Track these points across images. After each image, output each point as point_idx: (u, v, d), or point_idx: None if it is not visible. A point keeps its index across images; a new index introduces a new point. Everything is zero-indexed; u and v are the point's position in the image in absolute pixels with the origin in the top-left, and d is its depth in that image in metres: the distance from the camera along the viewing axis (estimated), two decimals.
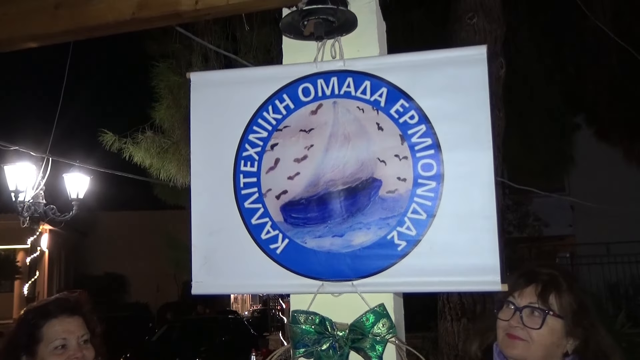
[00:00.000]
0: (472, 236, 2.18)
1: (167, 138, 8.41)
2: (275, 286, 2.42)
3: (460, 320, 6.49)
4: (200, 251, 2.44)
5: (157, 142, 8.36)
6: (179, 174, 8.36)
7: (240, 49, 7.82)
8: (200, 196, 2.47)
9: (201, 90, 2.52)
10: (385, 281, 2.24)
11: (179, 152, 8.20)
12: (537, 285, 1.95)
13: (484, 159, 2.21)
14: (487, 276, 2.15)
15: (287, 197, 2.36)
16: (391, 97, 2.31)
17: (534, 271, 2.02)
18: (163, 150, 8.35)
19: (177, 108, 8.10)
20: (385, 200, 2.27)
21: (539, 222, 14.55)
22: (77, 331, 2.24)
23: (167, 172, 8.44)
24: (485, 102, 2.23)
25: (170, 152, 8.37)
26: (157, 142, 8.36)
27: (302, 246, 2.32)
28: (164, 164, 8.38)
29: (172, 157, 8.35)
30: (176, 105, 8.12)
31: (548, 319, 1.88)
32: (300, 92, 2.40)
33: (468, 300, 6.58)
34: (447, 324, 6.55)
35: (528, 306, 1.91)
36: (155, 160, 8.39)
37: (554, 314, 1.89)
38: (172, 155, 8.36)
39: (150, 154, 8.30)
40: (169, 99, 8.23)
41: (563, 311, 1.90)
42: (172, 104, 8.20)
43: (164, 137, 8.43)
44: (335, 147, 2.34)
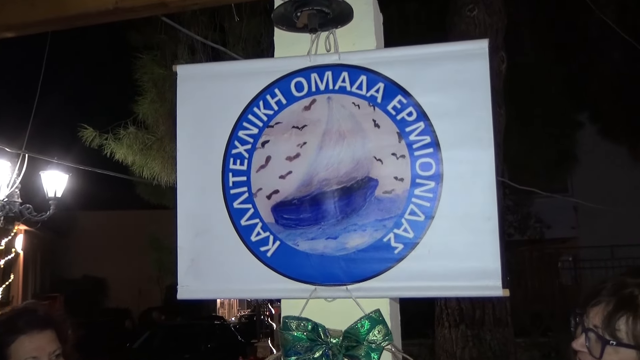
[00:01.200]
0: (472, 239, 2.19)
1: (150, 134, 8.38)
2: (266, 291, 2.41)
3: (458, 326, 6.53)
4: (186, 253, 2.43)
5: (140, 138, 8.33)
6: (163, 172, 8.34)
7: (229, 41, 7.81)
8: (186, 195, 2.47)
9: (188, 83, 2.51)
10: (381, 286, 2.25)
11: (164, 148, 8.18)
12: (607, 304, 1.65)
13: (485, 157, 2.22)
14: (488, 281, 2.17)
15: (279, 197, 2.36)
16: (388, 92, 2.31)
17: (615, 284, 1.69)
18: (146, 147, 8.33)
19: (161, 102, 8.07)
20: (382, 200, 2.28)
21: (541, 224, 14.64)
22: (48, 347, 2.18)
23: (151, 169, 8.41)
24: (487, 99, 2.24)
25: (154, 149, 8.34)
26: (140, 138, 8.33)
27: (294, 249, 2.32)
28: (147, 161, 8.36)
29: (156, 154, 8.32)
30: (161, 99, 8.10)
31: (608, 350, 1.59)
32: (292, 87, 2.40)
33: (467, 305, 6.62)
34: (445, 330, 6.59)
35: (591, 329, 1.64)
36: (138, 157, 8.36)
37: (619, 343, 1.58)
38: (156, 152, 8.33)
39: (133, 150, 8.28)
40: (153, 93, 8.20)
41: (636, 340, 1.58)
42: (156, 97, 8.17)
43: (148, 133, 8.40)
44: (330, 145, 2.34)
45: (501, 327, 6.49)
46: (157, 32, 8.10)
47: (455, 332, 6.53)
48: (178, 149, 2.50)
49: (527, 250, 14.51)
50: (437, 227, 2.23)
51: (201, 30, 7.51)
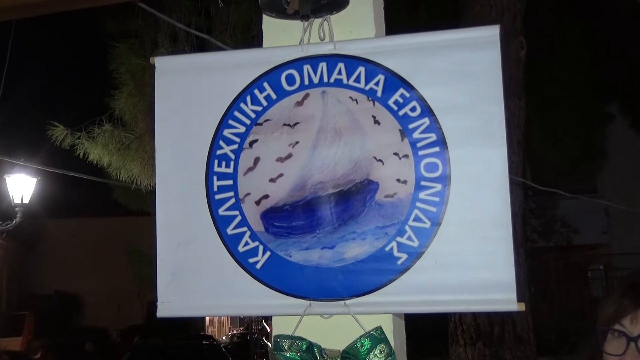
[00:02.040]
0: (483, 247, 2.22)
1: (128, 132, 8.41)
2: (255, 307, 2.44)
3: (475, 344, 6.56)
4: (167, 266, 2.46)
5: (116, 137, 8.36)
6: (143, 174, 8.36)
7: (215, 27, 7.84)
8: (166, 201, 2.50)
9: (167, 77, 2.54)
10: (383, 300, 2.27)
11: (143, 148, 8.21)
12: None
13: (497, 157, 2.25)
14: (502, 294, 2.19)
15: (269, 202, 2.39)
16: (389, 85, 2.34)
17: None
18: (124, 146, 8.36)
19: (140, 96, 8.10)
20: (383, 206, 2.30)
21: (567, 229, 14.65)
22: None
23: (129, 171, 8.44)
24: (498, 91, 2.27)
25: (133, 149, 8.37)
26: (116, 136, 8.36)
27: (286, 260, 2.35)
28: (125, 162, 8.38)
29: (134, 154, 8.35)
30: (139, 93, 8.12)
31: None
32: (283, 80, 2.43)
33: (484, 321, 6.65)
34: (460, 349, 6.62)
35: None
36: (114, 158, 8.39)
37: None
38: (134, 152, 8.36)
39: (109, 150, 8.30)
40: (131, 86, 8.23)
41: None
42: (134, 91, 8.20)
43: (125, 131, 8.43)
44: (325, 144, 2.37)
45: (522, 345, 6.52)
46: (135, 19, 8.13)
47: (471, 350, 6.55)
48: (157, 150, 2.53)
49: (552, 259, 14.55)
50: (445, 235, 2.25)
51: (184, 15, 7.54)
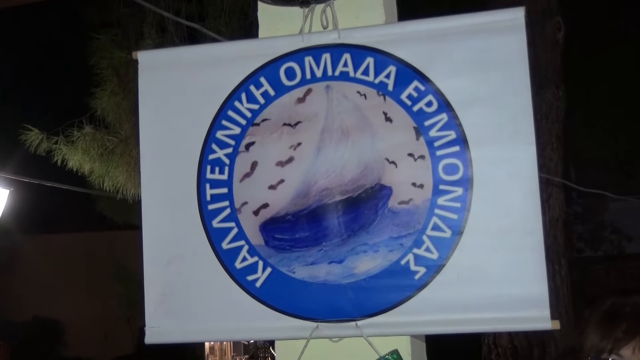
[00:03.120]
0: (511, 258, 2.26)
1: (112, 134, 8.46)
2: (256, 330, 2.48)
3: None
4: (156, 286, 2.52)
5: (99, 141, 8.41)
6: (130, 182, 8.41)
7: (208, 14, 7.89)
8: (153, 213, 2.55)
9: (152, 74, 2.60)
10: (399, 320, 2.32)
11: (129, 152, 8.26)
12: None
13: (525, 156, 2.29)
14: (533, 311, 2.23)
15: (269, 212, 2.44)
16: (402, 78, 2.39)
17: (630, 309, 1.87)
18: (107, 151, 8.41)
19: (125, 94, 8.15)
20: (397, 213, 2.35)
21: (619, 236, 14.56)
22: None
23: (114, 180, 8.49)
24: (525, 82, 2.31)
25: (117, 154, 8.42)
26: (99, 140, 8.41)
27: (289, 277, 2.40)
28: (109, 169, 8.44)
29: (119, 159, 8.40)
30: (124, 91, 8.18)
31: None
32: (282, 74, 2.48)
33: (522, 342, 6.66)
34: None
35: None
36: (97, 165, 8.44)
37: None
38: (119, 157, 8.41)
39: (91, 156, 8.36)
40: (114, 83, 8.28)
41: None
42: (118, 88, 8.26)
43: (109, 134, 8.48)
44: (330, 146, 2.41)
45: None
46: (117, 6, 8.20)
47: None
48: (142, 156, 2.58)
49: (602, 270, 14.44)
50: (467, 245, 2.30)
51: (173, 2, 7.60)
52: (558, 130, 6.81)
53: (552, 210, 6.70)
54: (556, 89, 6.87)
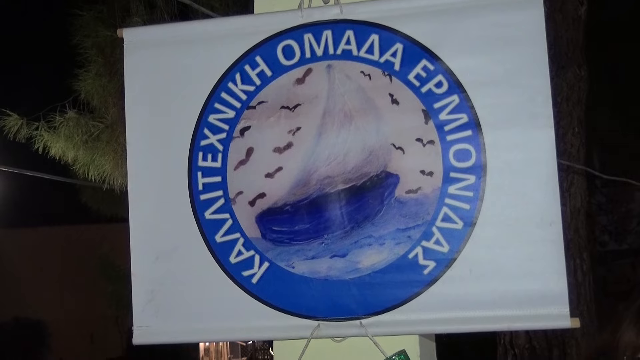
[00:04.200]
0: (527, 252, 2.26)
1: (97, 120, 8.46)
2: (252, 330, 2.49)
3: None
4: (144, 283, 2.52)
5: (83, 126, 8.41)
6: (117, 171, 8.42)
7: None
8: (141, 204, 2.56)
9: (139, 53, 2.60)
10: (406, 319, 2.32)
11: (116, 139, 8.26)
12: None
13: (543, 140, 2.29)
14: (552, 308, 2.24)
15: (266, 202, 2.44)
16: (409, 56, 2.38)
17: None
18: (92, 138, 8.41)
19: (110, 76, 8.15)
20: (405, 203, 2.35)
21: None
22: None
23: (99, 168, 8.50)
24: (543, 61, 2.30)
25: (103, 140, 8.43)
26: (83, 125, 8.41)
27: (288, 272, 2.40)
28: (94, 157, 8.44)
29: (105, 146, 8.41)
30: (109, 72, 8.17)
31: None
32: (280, 53, 2.48)
33: (540, 342, 6.66)
34: None
35: None
36: (81, 152, 8.45)
37: None
38: (105, 144, 8.41)
39: (74, 143, 8.36)
40: (99, 63, 8.28)
41: None
42: (103, 70, 8.25)
43: (94, 119, 8.48)
44: (332, 130, 2.41)
45: None
46: None
47: None
48: (128, 142, 2.58)
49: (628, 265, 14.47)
50: (481, 238, 2.30)
51: None
52: (580, 113, 6.78)
53: (573, 200, 6.67)
54: (578, 68, 6.84)
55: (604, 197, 13.87)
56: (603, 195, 13.74)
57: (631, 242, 14.66)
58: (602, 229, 14.17)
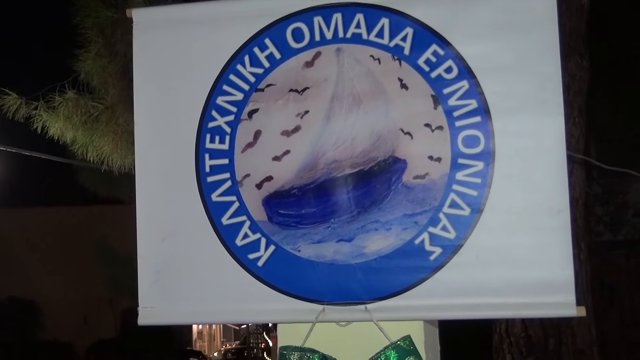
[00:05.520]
0: (535, 239, 2.26)
1: (97, 100, 8.41)
2: (257, 313, 2.49)
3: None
4: (150, 264, 2.52)
5: (82, 107, 8.36)
6: (116, 153, 8.38)
7: None
8: (148, 186, 2.55)
9: (148, 34, 2.58)
10: (412, 304, 2.32)
11: (115, 120, 8.22)
12: None
13: (552, 128, 2.29)
14: (557, 296, 2.24)
15: (273, 185, 2.44)
16: (419, 41, 2.38)
17: None
18: (92, 119, 8.37)
19: (111, 56, 8.09)
20: (412, 189, 2.35)
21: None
22: None
23: (98, 149, 8.46)
24: (555, 47, 2.30)
25: (103, 121, 8.38)
26: (82, 106, 8.36)
27: (294, 255, 2.40)
28: (93, 138, 8.40)
29: (105, 127, 8.36)
30: (110, 53, 8.11)
31: None
32: (289, 36, 2.47)
33: (536, 331, 6.68)
34: None
35: None
36: (80, 133, 8.41)
37: None
38: (104, 125, 8.37)
39: (73, 123, 8.32)
40: (100, 44, 8.21)
41: None
42: (103, 50, 8.19)
43: (93, 100, 8.43)
44: (340, 114, 2.41)
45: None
46: None
47: None
48: (136, 123, 2.58)
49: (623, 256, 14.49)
50: (488, 225, 2.30)
51: None
52: (581, 103, 6.78)
53: (572, 190, 6.67)
54: (580, 58, 6.82)
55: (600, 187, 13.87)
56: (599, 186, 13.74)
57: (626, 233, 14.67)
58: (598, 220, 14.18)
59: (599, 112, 8.53)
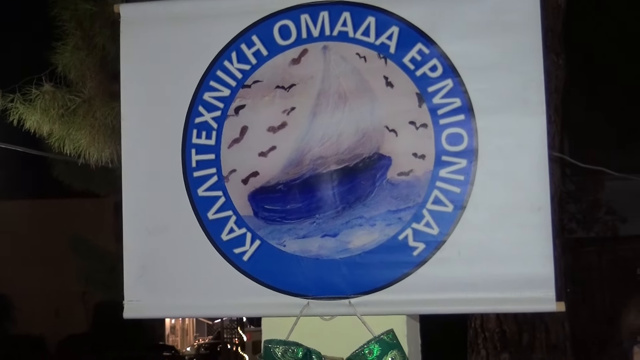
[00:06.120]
0: (516, 236, 2.31)
1: (74, 94, 8.35)
2: (242, 306, 2.52)
3: (499, 355, 6.67)
4: (135, 258, 2.54)
5: (59, 100, 8.30)
6: (93, 146, 8.33)
7: None
8: (134, 180, 2.56)
9: (135, 29, 2.59)
10: (395, 299, 2.36)
11: (93, 114, 8.17)
12: None
13: (534, 127, 2.33)
14: (537, 291, 2.29)
15: (259, 181, 2.46)
16: (405, 39, 2.41)
17: None
18: (69, 112, 8.31)
19: (89, 49, 8.04)
20: (396, 185, 2.38)
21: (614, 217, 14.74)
22: None
23: (75, 142, 8.40)
24: (537, 47, 2.35)
25: (80, 114, 8.32)
26: (59, 99, 8.30)
27: (279, 250, 2.43)
28: (70, 131, 8.34)
29: (82, 121, 8.30)
30: (88, 46, 8.06)
31: None
32: (276, 33, 2.49)
33: (511, 327, 6.75)
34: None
35: None
36: (57, 126, 8.34)
37: None
38: (82, 118, 8.31)
39: (50, 116, 8.25)
40: (77, 37, 8.15)
41: None
42: (81, 43, 8.13)
43: (70, 93, 8.37)
44: (326, 111, 2.44)
45: (557, 356, 6.63)
46: None
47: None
48: (123, 117, 2.58)
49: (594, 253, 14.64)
50: (470, 221, 2.34)
51: None
52: (557, 101, 6.85)
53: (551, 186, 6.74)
54: (556, 57, 6.89)
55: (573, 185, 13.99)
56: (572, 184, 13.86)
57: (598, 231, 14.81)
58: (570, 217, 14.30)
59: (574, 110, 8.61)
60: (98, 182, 10.90)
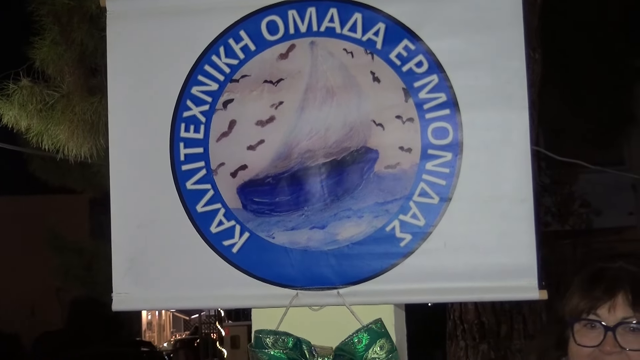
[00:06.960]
0: (501, 227, 2.37)
1: (52, 89, 8.32)
2: (232, 298, 2.56)
3: (478, 346, 6.76)
4: (124, 251, 2.56)
5: (37, 95, 8.26)
6: (72, 141, 8.31)
7: None
8: (122, 174, 2.58)
9: (123, 23, 2.61)
10: (383, 289, 2.41)
11: (72, 109, 8.14)
12: (625, 291, 1.97)
13: (517, 121, 2.39)
14: (521, 280, 2.35)
15: (247, 174, 2.49)
16: (391, 36, 2.45)
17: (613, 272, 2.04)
18: (47, 107, 8.28)
19: (67, 44, 8.01)
20: (383, 178, 2.43)
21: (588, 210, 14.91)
22: None
23: (54, 138, 8.37)
24: (520, 44, 2.40)
25: (58, 110, 8.29)
26: (37, 94, 8.26)
27: (268, 242, 2.47)
28: (48, 126, 8.32)
29: (60, 116, 8.27)
30: (66, 41, 8.03)
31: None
32: (264, 28, 2.52)
33: (489, 318, 6.85)
34: (460, 351, 6.81)
35: (623, 323, 1.93)
36: (35, 121, 8.31)
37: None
38: (60, 113, 8.28)
39: (28, 111, 8.21)
40: (55, 31, 8.12)
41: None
42: (59, 38, 8.10)
43: (49, 88, 8.33)
44: (314, 105, 2.47)
45: None
46: None
47: (473, 353, 6.74)
48: (110, 111, 2.60)
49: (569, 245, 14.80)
50: (456, 212, 2.40)
51: None
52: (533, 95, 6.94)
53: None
54: (532, 51, 6.97)
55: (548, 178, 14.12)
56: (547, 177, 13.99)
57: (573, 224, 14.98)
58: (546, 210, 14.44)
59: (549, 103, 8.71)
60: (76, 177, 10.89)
